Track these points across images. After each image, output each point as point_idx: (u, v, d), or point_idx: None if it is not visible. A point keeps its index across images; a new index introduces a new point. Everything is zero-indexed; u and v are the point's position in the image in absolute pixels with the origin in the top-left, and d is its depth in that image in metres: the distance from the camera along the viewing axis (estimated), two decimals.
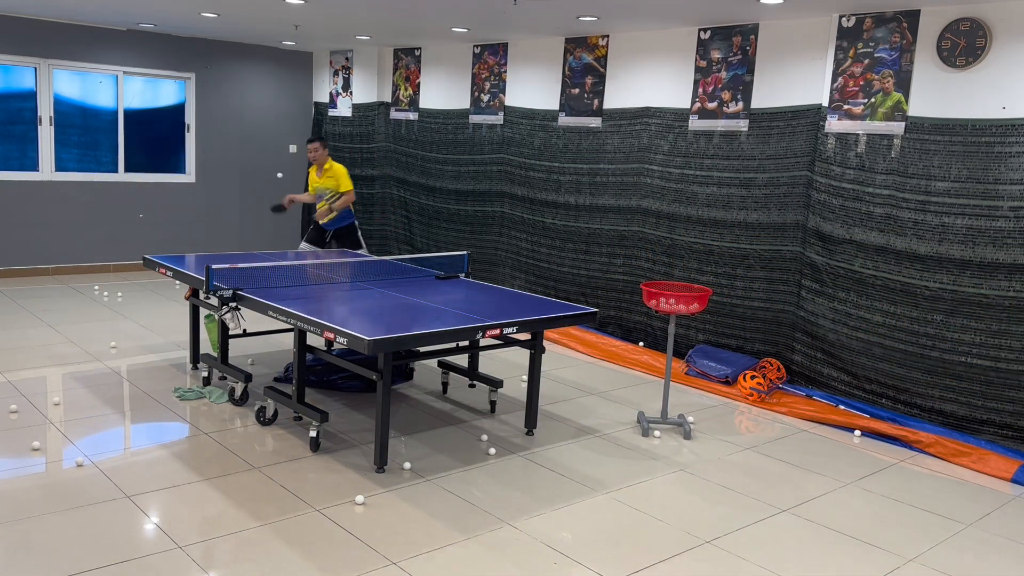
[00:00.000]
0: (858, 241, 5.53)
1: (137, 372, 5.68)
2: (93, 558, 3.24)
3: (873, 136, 5.44)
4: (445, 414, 5.23)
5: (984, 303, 4.99)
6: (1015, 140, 4.83)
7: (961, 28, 5.02)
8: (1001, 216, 4.89)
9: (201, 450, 4.39)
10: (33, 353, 5.98)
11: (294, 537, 3.50)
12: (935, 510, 4.19)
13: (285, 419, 4.90)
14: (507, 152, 8.10)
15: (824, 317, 5.77)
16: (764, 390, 5.79)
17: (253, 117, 10.14)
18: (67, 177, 8.92)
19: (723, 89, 6.32)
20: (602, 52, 7.22)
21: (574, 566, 3.40)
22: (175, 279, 5.45)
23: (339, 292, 4.99)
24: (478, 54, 8.39)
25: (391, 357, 4.10)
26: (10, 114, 8.60)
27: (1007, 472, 4.67)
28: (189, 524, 3.56)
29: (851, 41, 5.55)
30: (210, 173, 9.89)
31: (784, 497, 4.23)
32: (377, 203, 9.78)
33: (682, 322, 6.59)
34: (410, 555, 3.40)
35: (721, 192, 6.33)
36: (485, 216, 8.41)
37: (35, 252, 8.81)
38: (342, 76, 10.05)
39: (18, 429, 4.54)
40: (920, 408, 5.34)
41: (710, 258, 6.44)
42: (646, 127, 6.88)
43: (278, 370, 5.79)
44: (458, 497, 3.99)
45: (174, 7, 7.26)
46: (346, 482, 4.07)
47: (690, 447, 4.89)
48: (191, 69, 9.58)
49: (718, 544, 3.67)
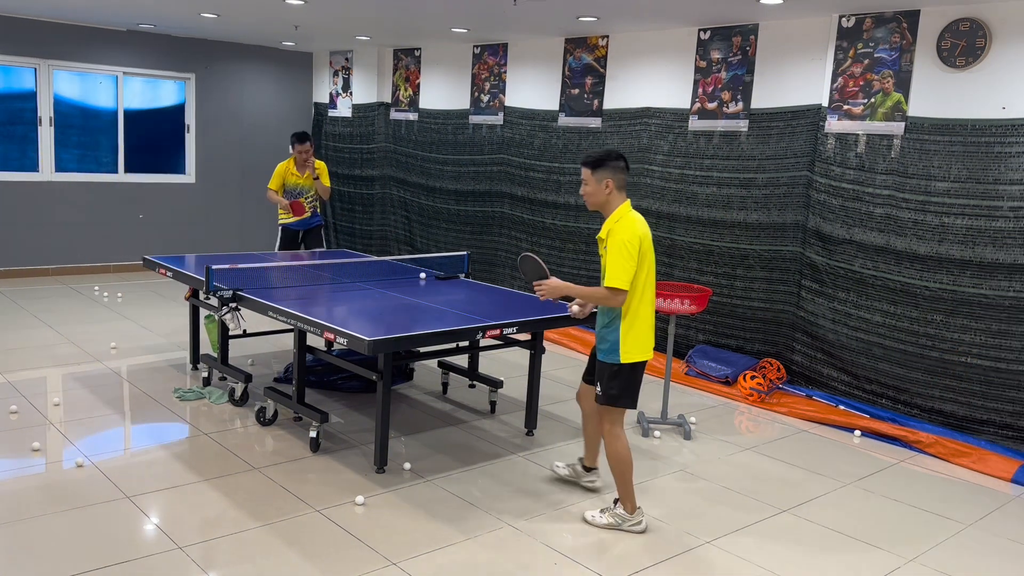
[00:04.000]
0: (858, 241, 5.53)
1: (137, 373, 5.68)
2: (93, 558, 3.24)
3: (873, 136, 5.44)
4: (445, 414, 5.23)
5: (984, 303, 4.99)
6: (1015, 140, 4.83)
7: (961, 28, 5.02)
8: (1001, 216, 4.89)
9: (201, 451, 4.39)
10: (33, 354, 5.98)
11: (294, 537, 3.50)
12: (935, 510, 4.19)
13: (285, 419, 4.90)
14: (507, 152, 8.10)
15: (824, 317, 5.77)
16: (764, 390, 5.79)
17: (253, 118, 10.14)
18: (67, 177, 8.93)
19: (723, 89, 6.32)
20: (602, 52, 7.22)
21: (574, 566, 3.40)
22: (175, 279, 5.44)
23: (339, 292, 5.00)
24: (478, 54, 8.40)
25: (391, 357, 4.10)
26: (10, 114, 8.60)
27: (1007, 472, 4.67)
28: (189, 524, 3.56)
29: (851, 41, 5.55)
30: (210, 173, 9.89)
31: (784, 497, 4.23)
32: (377, 203, 9.78)
33: (682, 322, 6.59)
34: (410, 555, 3.40)
35: (721, 192, 6.33)
36: (485, 216, 8.41)
37: (35, 252, 8.81)
38: (342, 76, 10.05)
39: (18, 429, 4.54)
40: (920, 408, 5.33)
41: (710, 258, 6.44)
42: (646, 127, 6.88)
43: (278, 370, 5.79)
44: (458, 497, 3.99)
45: (174, 7, 7.26)
46: (346, 482, 4.07)
47: (690, 447, 4.89)
48: (191, 70, 9.58)
49: (718, 544, 3.67)
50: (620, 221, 3.54)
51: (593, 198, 3.63)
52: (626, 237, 3.48)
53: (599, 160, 3.59)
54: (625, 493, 3.72)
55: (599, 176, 3.59)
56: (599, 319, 3.70)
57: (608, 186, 3.58)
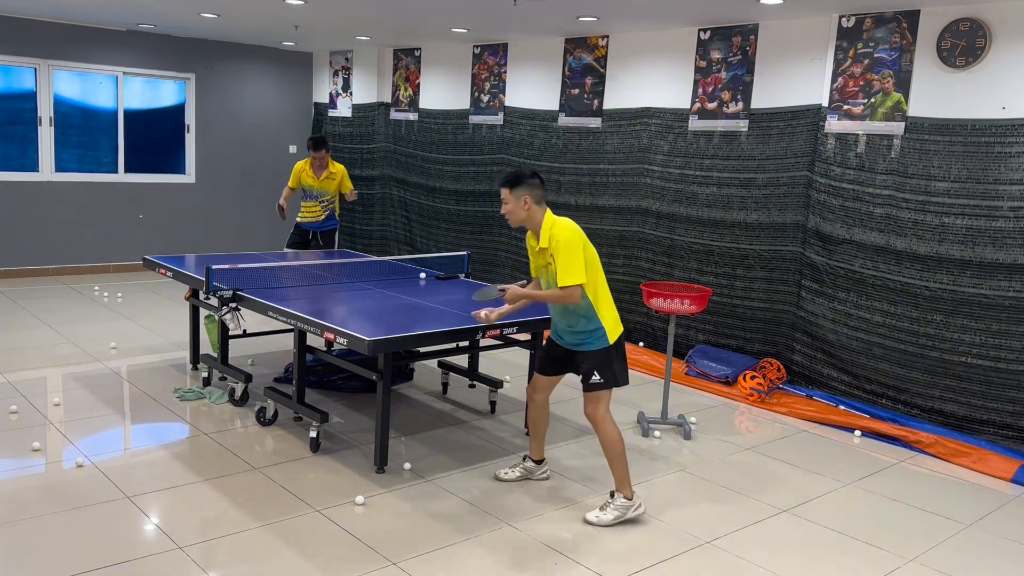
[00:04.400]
0: (858, 241, 5.53)
1: (137, 373, 5.68)
2: (93, 558, 3.24)
3: (873, 136, 5.44)
4: (445, 414, 5.23)
5: (984, 303, 4.99)
6: (1015, 140, 4.83)
7: (961, 28, 5.02)
8: (1001, 216, 4.89)
9: (201, 451, 4.39)
10: (33, 354, 5.98)
11: (294, 537, 3.50)
12: (935, 510, 4.19)
13: (285, 419, 4.90)
14: (507, 152, 8.10)
15: (824, 317, 5.77)
16: (764, 390, 5.79)
17: (253, 118, 10.14)
18: (67, 177, 8.93)
19: (723, 89, 6.32)
20: (602, 52, 7.22)
21: (574, 566, 3.40)
22: (175, 279, 5.44)
23: (339, 292, 5.00)
24: (478, 54, 8.40)
25: (391, 357, 4.10)
26: (10, 114, 8.60)
27: (1007, 472, 4.67)
28: (189, 524, 3.56)
29: (851, 41, 5.55)
30: (210, 173, 9.89)
31: (784, 497, 4.23)
32: (377, 203, 9.78)
33: (682, 322, 6.59)
34: (410, 555, 3.40)
35: (721, 192, 6.33)
36: (485, 216, 8.41)
37: (35, 252, 8.81)
38: (342, 76, 10.05)
39: (18, 429, 4.54)
40: (920, 408, 5.33)
41: (710, 258, 6.44)
42: (646, 127, 6.88)
43: (278, 370, 5.79)
44: (458, 497, 3.99)
45: (174, 7, 7.26)
46: (346, 482, 4.07)
47: (690, 447, 4.89)
48: (191, 70, 9.58)
49: (718, 544, 3.67)
50: (555, 226, 3.74)
51: (514, 215, 3.82)
52: (567, 236, 3.69)
53: (515, 179, 3.78)
54: (623, 476, 3.80)
55: (517, 194, 3.78)
56: (568, 322, 3.82)
57: (527, 202, 3.77)
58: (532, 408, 4.14)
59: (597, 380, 3.76)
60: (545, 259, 3.77)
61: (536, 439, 4.20)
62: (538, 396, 4.09)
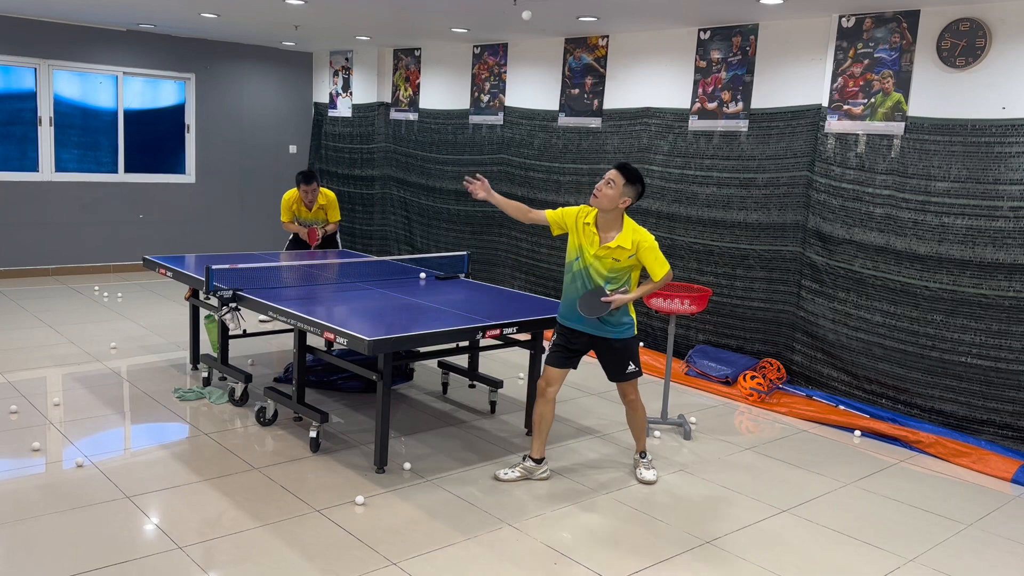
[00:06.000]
0: (858, 241, 5.53)
1: (137, 373, 5.68)
2: (93, 558, 3.24)
3: (873, 136, 5.44)
4: (445, 414, 5.23)
5: (984, 303, 4.99)
6: (1015, 140, 4.83)
7: (961, 28, 5.02)
8: (1001, 216, 4.89)
9: (201, 451, 4.39)
10: (33, 354, 5.98)
11: (294, 537, 3.50)
12: (935, 510, 4.19)
13: (285, 419, 4.90)
14: (507, 152, 8.10)
15: (824, 317, 5.77)
16: (764, 390, 5.79)
17: (253, 118, 10.14)
18: (67, 177, 8.93)
19: (723, 89, 6.32)
20: (602, 52, 7.22)
21: (574, 566, 3.40)
22: (175, 279, 5.44)
23: (339, 292, 4.99)
24: (478, 54, 8.40)
25: (391, 357, 4.10)
26: (10, 115, 8.60)
27: (1007, 472, 4.67)
28: (189, 524, 3.56)
29: (851, 41, 5.55)
30: (210, 173, 9.89)
31: (784, 497, 4.23)
32: (377, 203, 9.78)
33: (682, 322, 6.59)
34: (410, 555, 3.40)
35: (721, 192, 6.33)
36: (485, 216, 8.41)
37: (35, 252, 8.81)
38: (342, 76, 10.05)
39: (18, 429, 4.54)
40: (920, 408, 5.33)
41: (710, 258, 6.44)
42: (646, 127, 6.88)
43: (278, 370, 5.79)
44: (458, 497, 3.99)
45: (174, 7, 7.26)
46: (346, 482, 4.07)
47: (690, 447, 4.89)
48: (191, 70, 9.58)
49: (718, 544, 3.67)
50: (638, 232, 3.97)
51: (608, 201, 3.94)
52: (652, 240, 4.00)
53: (635, 177, 3.96)
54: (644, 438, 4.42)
55: (627, 190, 3.96)
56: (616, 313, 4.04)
57: (626, 202, 3.96)
58: (541, 403, 4.16)
59: (634, 370, 4.16)
60: (612, 255, 3.96)
61: (539, 436, 4.21)
62: (551, 389, 4.15)
